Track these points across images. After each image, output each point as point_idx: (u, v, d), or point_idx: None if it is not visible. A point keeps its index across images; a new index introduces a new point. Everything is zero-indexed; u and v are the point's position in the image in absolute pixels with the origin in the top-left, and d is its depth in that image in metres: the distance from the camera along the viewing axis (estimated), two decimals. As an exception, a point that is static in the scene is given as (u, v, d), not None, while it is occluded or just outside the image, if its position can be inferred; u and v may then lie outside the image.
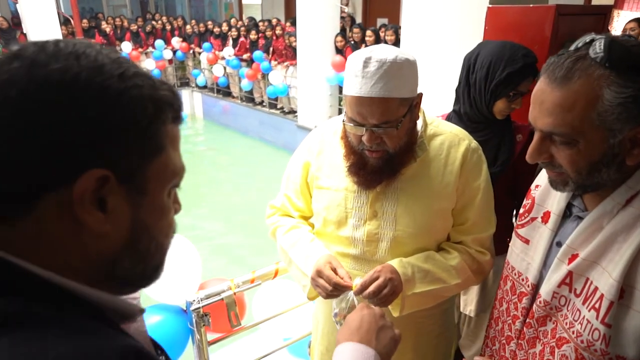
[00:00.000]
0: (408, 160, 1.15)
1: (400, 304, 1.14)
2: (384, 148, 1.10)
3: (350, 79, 1.06)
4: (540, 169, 1.10)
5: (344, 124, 1.16)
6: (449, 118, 1.68)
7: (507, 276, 1.09)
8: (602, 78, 0.75)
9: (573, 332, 0.86)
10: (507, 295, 1.08)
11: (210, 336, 1.73)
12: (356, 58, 1.05)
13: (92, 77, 0.44)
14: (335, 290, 1.11)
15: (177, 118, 0.52)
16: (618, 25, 7.12)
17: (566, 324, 0.88)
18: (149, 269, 0.54)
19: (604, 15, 2.12)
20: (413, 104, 1.10)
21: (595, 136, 0.78)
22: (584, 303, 0.85)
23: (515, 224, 1.09)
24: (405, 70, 1.05)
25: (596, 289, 0.82)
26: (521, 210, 1.08)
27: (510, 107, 1.55)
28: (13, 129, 0.41)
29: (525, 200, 1.08)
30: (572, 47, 0.81)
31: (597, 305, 0.81)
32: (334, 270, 1.13)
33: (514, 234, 1.08)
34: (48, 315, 0.42)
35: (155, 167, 0.49)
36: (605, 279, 0.81)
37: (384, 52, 1.03)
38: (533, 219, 1.02)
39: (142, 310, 0.53)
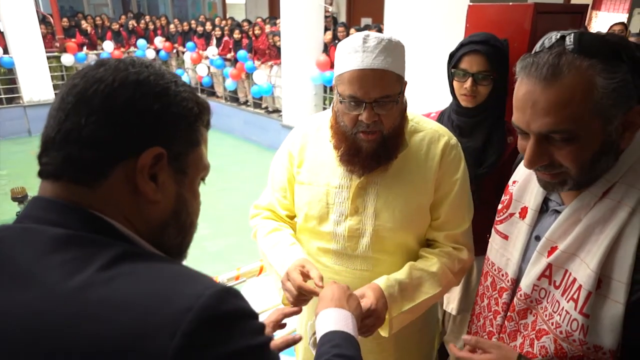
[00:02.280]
0: (401, 144, 1.17)
1: (388, 326, 1.14)
2: (380, 128, 1.11)
3: (348, 57, 1.07)
4: (517, 165, 1.11)
5: (334, 112, 1.17)
6: (440, 119, 1.70)
7: (487, 272, 1.10)
8: (590, 67, 0.75)
9: (552, 324, 0.87)
10: (487, 291, 1.09)
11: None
12: (353, 38, 1.08)
13: (158, 80, 0.58)
14: (302, 295, 1.09)
15: (209, 123, 0.66)
16: (596, 25, 7.25)
17: (546, 315, 0.89)
18: (184, 244, 0.67)
19: (580, 14, 2.15)
20: (403, 87, 1.13)
21: (594, 126, 0.78)
22: (563, 294, 0.86)
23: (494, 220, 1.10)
24: (399, 50, 1.09)
25: (575, 280, 0.83)
26: (499, 207, 1.08)
27: (463, 88, 1.55)
28: (102, 113, 0.55)
29: (503, 196, 1.09)
30: (542, 46, 0.80)
31: (575, 296, 0.82)
32: (307, 275, 1.11)
33: (493, 230, 1.09)
34: (148, 253, 0.57)
35: (193, 156, 0.63)
36: (584, 270, 0.82)
37: (379, 33, 1.09)
38: (511, 214, 1.03)
39: None
